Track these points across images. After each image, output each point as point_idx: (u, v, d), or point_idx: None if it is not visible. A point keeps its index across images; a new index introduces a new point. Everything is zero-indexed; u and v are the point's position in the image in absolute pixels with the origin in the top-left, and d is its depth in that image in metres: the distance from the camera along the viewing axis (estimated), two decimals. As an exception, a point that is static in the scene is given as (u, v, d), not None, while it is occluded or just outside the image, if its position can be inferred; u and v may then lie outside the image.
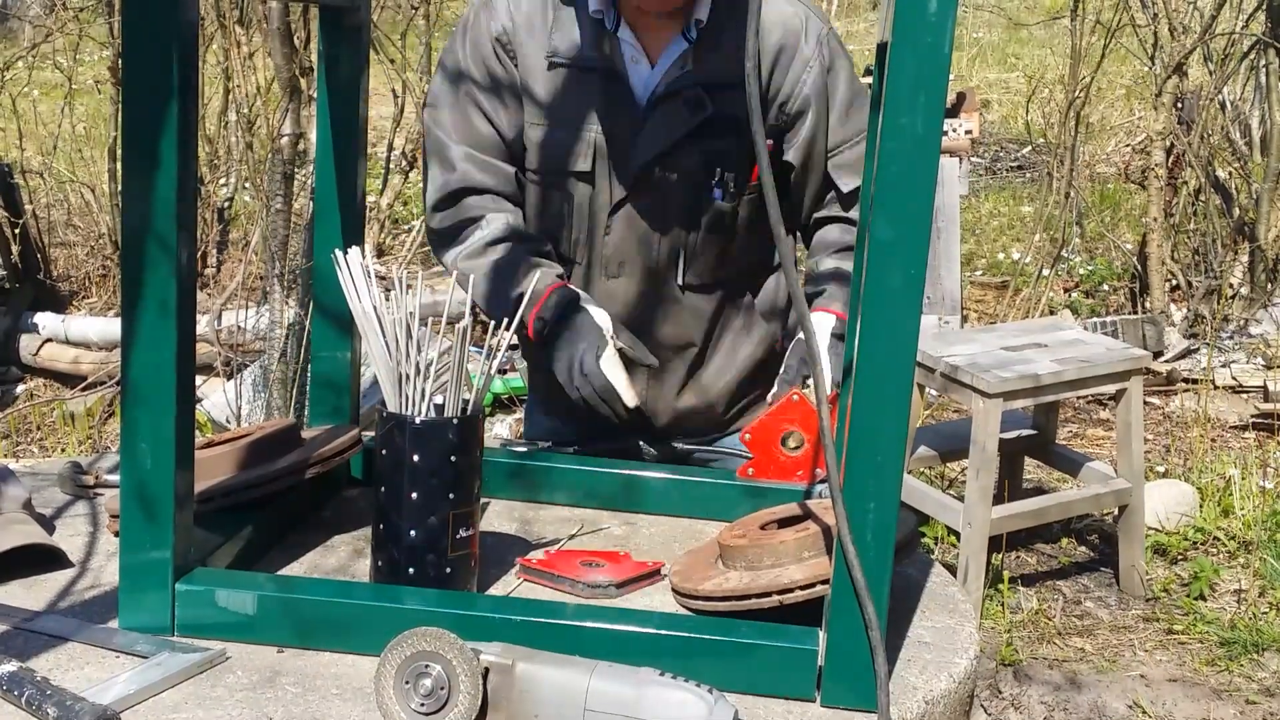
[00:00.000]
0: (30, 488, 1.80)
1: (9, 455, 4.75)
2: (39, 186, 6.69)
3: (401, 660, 1.30)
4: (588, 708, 1.27)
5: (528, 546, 1.74)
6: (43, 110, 7.15)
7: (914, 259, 1.28)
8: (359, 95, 1.85)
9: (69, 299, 6.14)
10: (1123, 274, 6.79)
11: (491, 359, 1.57)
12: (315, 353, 1.94)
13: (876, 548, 1.33)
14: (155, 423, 1.40)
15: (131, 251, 1.38)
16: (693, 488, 1.90)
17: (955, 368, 3.67)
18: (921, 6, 1.24)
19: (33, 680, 1.30)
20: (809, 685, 1.38)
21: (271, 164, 4.18)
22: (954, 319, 5.75)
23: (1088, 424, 5.40)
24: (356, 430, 1.87)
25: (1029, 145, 9.30)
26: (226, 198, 6.59)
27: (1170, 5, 6.13)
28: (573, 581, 1.61)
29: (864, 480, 1.32)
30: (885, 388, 1.31)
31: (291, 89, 4.07)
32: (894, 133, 1.27)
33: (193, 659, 1.38)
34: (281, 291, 4.07)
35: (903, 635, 1.55)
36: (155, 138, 1.36)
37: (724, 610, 1.50)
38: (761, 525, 1.63)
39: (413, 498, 1.50)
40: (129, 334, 1.39)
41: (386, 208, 6.34)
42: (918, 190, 1.28)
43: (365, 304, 1.54)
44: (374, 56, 5.67)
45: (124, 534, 1.44)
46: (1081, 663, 3.59)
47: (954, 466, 4.57)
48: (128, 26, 1.35)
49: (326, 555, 1.72)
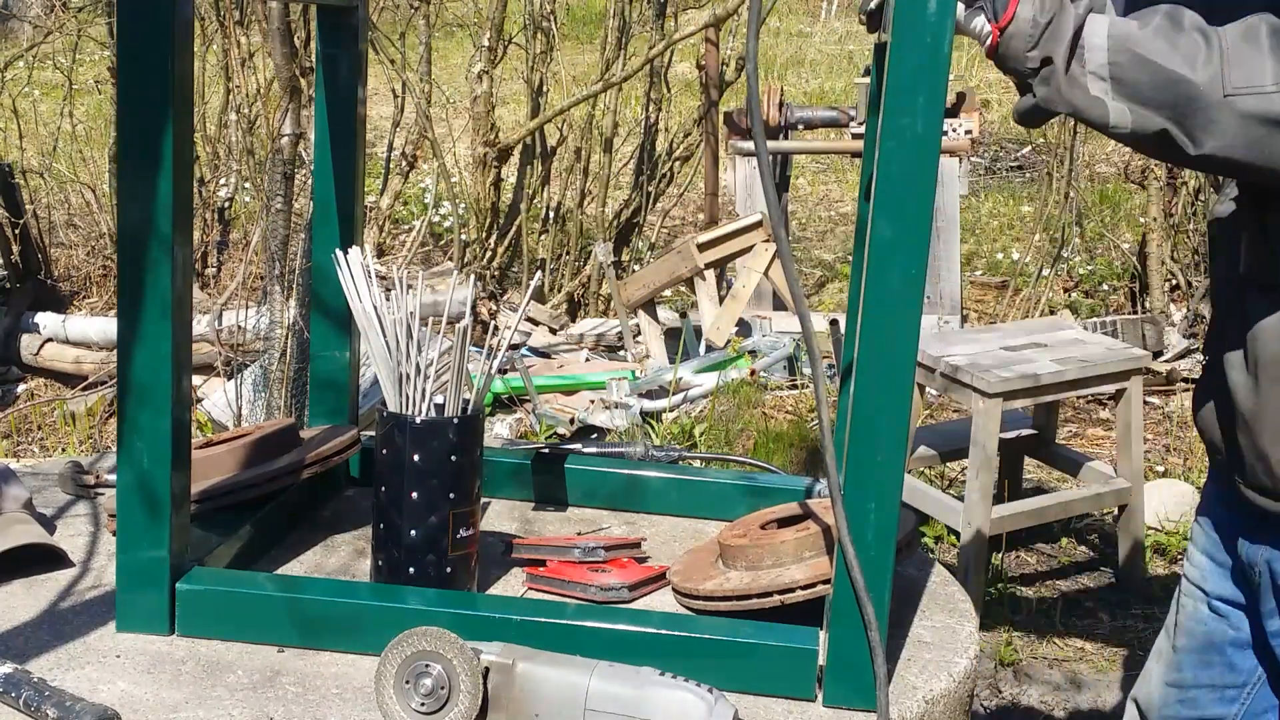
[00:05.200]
0: (31, 488, 1.80)
1: (10, 455, 4.75)
2: (39, 186, 6.68)
3: (402, 660, 1.30)
4: (588, 708, 1.27)
5: (526, 546, 1.74)
6: (43, 110, 7.15)
7: (914, 258, 1.28)
8: (357, 95, 1.85)
9: (69, 299, 6.14)
10: (1123, 274, 6.79)
11: (492, 359, 1.58)
12: (314, 353, 1.93)
13: (878, 547, 1.33)
14: (152, 422, 1.40)
15: (128, 251, 1.38)
16: (693, 487, 1.90)
17: (955, 367, 3.67)
18: (921, 7, 1.24)
19: (30, 681, 1.30)
20: (809, 685, 1.38)
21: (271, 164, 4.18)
22: (954, 319, 5.75)
23: (1088, 424, 5.39)
24: (355, 430, 1.87)
25: (1029, 145, 9.30)
26: (226, 198, 6.59)
27: (1170, 5, 6.12)
28: (584, 586, 1.60)
29: (865, 480, 1.33)
30: (885, 387, 1.31)
31: (291, 89, 4.07)
32: (894, 133, 1.27)
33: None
34: (281, 291, 4.07)
35: (903, 635, 1.55)
36: (151, 137, 1.36)
37: (725, 610, 1.50)
38: (761, 525, 1.63)
39: (413, 498, 1.50)
40: (126, 333, 1.39)
41: (386, 208, 6.34)
42: (918, 190, 1.28)
43: (366, 304, 1.55)
44: (374, 56, 5.66)
45: (121, 533, 1.43)
46: (1081, 663, 3.59)
47: (954, 466, 4.57)
48: (123, 26, 1.35)
49: (327, 555, 1.72)
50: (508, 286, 6.23)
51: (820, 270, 7.09)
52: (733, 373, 5.07)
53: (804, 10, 13.53)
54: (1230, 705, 1.76)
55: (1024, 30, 1.40)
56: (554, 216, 6.33)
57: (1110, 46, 1.39)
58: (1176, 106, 1.38)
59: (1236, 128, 1.37)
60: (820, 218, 8.30)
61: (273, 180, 4.14)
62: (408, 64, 5.92)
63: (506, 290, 6.19)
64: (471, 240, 6.06)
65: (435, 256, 6.79)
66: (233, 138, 6.19)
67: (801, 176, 8.84)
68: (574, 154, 6.23)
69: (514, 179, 6.25)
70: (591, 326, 5.75)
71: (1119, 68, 1.39)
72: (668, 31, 6.15)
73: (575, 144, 6.20)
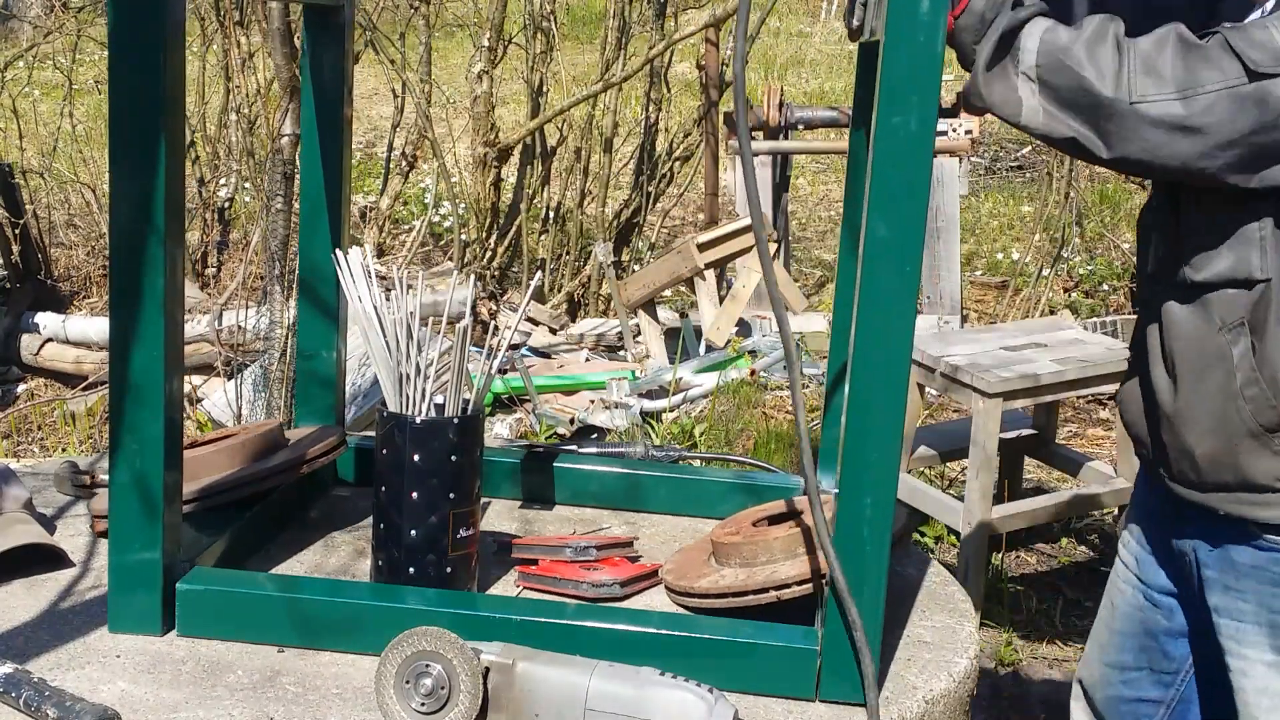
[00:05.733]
0: (31, 488, 1.80)
1: (10, 455, 4.75)
2: (39, 186, 6.69)
3: (402, 660, 1.30)
4: (588, 707, 1.27)
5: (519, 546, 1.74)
6: (43, 110, 7.15)
7: (909, 256, 1.28)
8: (344, 93, 1.85)
9: (69, 299, 6.14)
10: (1123, 274, 6.79)
11: (492, 359, 1.58)
12: (301, 352, 1.93)
13: (873, 544, 1.33)
14: (144, 421, 1.40)
15: (120, 250, 1.38)
16: (693, 487, 1.90)
17: (955, 368, 3.67)
18: (914, 6, 1.24)
19: (30, 681, 1.30)
20: (809, 684, 1.38)
21: (271, 164, 4.18)
22: (954, 319, 5.75)
23: (1088, 424, 5.40)
24: (341, 431, 1.87)
25: (1029, 145, 9.30)
26: (226, 198, 6.59)
27: (1170, 5, 6.12)
28: (575, 583, 1.60)
29: (860, 477, 1.33)
30: (881, 385, 1.31)
31: (292, 89, 4.06)
32: (888, 132, 1.27)
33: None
34: (281, 291, 4.07)
35: (903, 635, 1.56)
36: (142, 137, 1.36)
37: (721, 607, 1.50)
38: (753, 522, 1.63)
39: (413, 498, 1.50)
40: (118, 332, 1.39)
41: (386, 208, 6.34)
42: (912, 189, 1.28)
43: (366, 304, 1.55)
44: (374, 56, 5.66)
45: (113, 534, 1.43)
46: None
47: (954, 466, 4.57)
48: (114, 26, 1.35)
49: (327, 555, 1.72)
50: (508, 286, 6.23)
51: (820, 270, 7.09)
52: (733, 373, 5.07)
53: (804, 10, 13.53)
54: (1166, 689, 1.84)
55: (972, 24, 1.48)
56: (554, 216, 6.33)
57: (1040, 50, 1.48)
58: (1090, 112, 1.47)
59: (1143, 132, 1.45)
60: (820, 218, 8.30)
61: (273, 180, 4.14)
62: (408, 64, 5.92)
63: (506, 290, 6.19)
64: (471, 240, 6.06)
65: (435, 256, 6.79)
66: (233, 138, 6.19)
67: (801, 176, 8.84)
68: (574, 154, 6.23)
69: (514, 179, 6.25)
70: (591, 326, 5.75)
71: (1044, 70, 1.47)
72: (668, 31, 6.15)
73: (575, 144, 6.20)
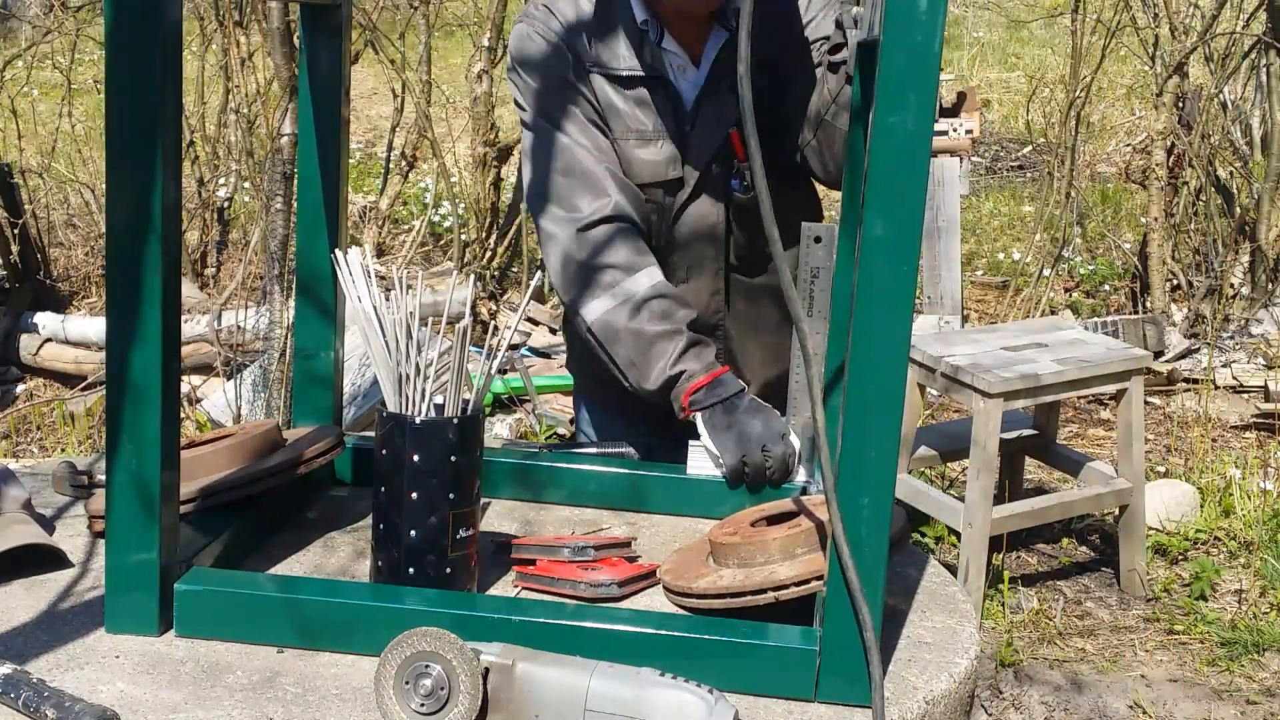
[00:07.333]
0: (31, 488, 1.80)
1: (9, 455, 4.75)
2: (39, 186, 6.69)
3: (402, 660, 1.30)
4: (588, 708, 1.26)
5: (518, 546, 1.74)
6: (42, 110, 7.15)
7: (906, 256, 1.28)
8: (341, 93, 1.85)
9: (69, 299, 6.14)
10: (1123, 274, 6.79)
11: (492, 359, 1.57)
12: (299, 352, 1.92)
13: (870, 544, 1.33)
14: (141, 421, 1.40)
15: (117, 249, 1.38)
16: (693, 487, 1.90)
17: (956, 368, 3.67)
18: (911, 5, 1.24)
19: (28, 682, 1.30)
20: (809, 685, 1.38)
21: (271, 164, 4.18)
22: (954, 319, 5.74)
23: (1088, 424, 5.39)
24: (338, 431, 1.86)
25: (1029, 145, 9.29)
26: (226, 198, 6.59)
27: (1171, 5, 6.12)
28: (573, 583, 1.60)
29: (857, 477, 1.32)
30: (878, 383, 1.31)
31: (291, 89, 4.07)
32: (885, 131, 1.27)
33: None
34: (281, 291, 4.07)
35: (903, 635, 1.55)
36: (139, 137, 1.36)
37: (719, 608, 1.50)
38: (751, 522, 1.62)
39: (413, 498, 1.50)
40: (114, 332, 1.39)
41: (386, 208, 6.34)
42: (909, 188, 1.28)
43: (365, 304, 1.54)
44: (374, 56, 5.66)
45: (110, 534, 1.43)
46: (1082, 663, 3.59)
47: (954, 466, 4.57)
48: (111, 25, 1.35)
49: (327, 555, 1.71)
50: (508, 286, 6.23)
51: (820, 270, 7.08)
52: (733, 373, 5.06)
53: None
54: None
55: None
56: (554, 216, 6.32)
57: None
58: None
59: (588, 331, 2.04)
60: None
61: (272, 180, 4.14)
62: (408, 64, 5.92)
63: (506, 290, 6.19)
64: (471, 240, 6.06)
65: (435, 256, 6.79)
66: (232, 137, 6.20)
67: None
68: (574, 154, 6.21)
69: (514, 179, 6.25)
70: (591, 327, 5.74)
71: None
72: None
73: (575, 144, 6.19)
